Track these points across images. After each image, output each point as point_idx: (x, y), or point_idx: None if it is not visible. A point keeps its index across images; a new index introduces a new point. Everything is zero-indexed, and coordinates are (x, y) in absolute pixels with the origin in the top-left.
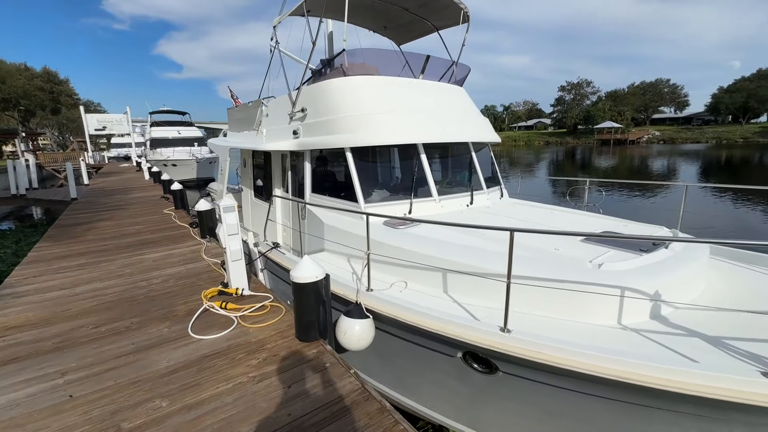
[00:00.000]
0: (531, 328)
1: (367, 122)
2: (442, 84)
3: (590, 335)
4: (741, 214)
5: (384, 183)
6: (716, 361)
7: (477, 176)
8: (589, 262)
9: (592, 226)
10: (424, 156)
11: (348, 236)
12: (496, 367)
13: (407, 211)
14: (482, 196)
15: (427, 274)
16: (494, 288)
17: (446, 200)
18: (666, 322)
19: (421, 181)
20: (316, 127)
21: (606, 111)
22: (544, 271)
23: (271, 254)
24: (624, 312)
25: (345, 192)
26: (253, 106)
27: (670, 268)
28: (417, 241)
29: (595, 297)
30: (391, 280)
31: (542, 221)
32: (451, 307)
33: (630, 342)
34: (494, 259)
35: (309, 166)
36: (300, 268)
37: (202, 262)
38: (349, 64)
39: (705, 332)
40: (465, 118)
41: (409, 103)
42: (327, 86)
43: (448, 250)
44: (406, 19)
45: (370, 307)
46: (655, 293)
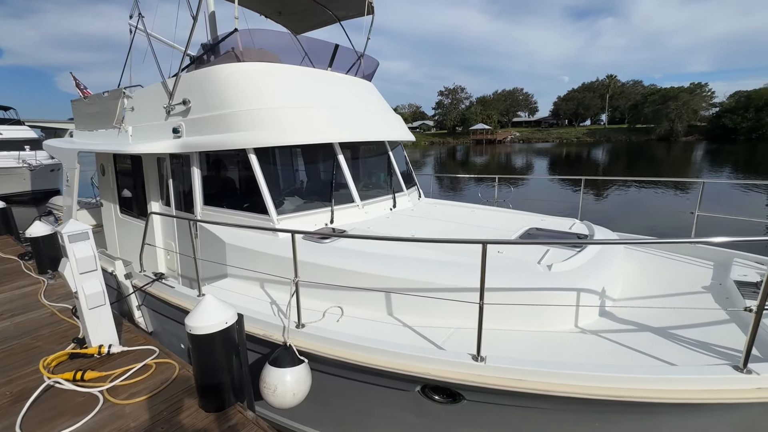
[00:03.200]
0: (497, 348)
1: (275, 118)
2: (353, 78)
3: (558, 346)
4: (627, 200)
5: (296, 189)
6: (684, 358)
7: (396, 177)
8: (538, 263)
9: (515, 222)
10: (342, 157)
11: (259, 257)
12: (461, 397)
13: (329, 221)
14: (404, 197)
15: (366, 295)
16: (449, 304)
17: (369, 205)
18: (615, 319)
19: (339, 185)
20: (204, 124)
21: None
22: (501, 279)
23: (153, 289)
24: (579, 314)
25: (249, 202)
26: (110, 98)
27: (605, 262)
28: (349, 257)
29: (551, 302)
30: (322, 306)
31: (468, 220)
32: (402, 334)
33: (597, 349)
34: (444, 271)
35: (198, 172)
36: (199, 313)
37: (42, 310)
38: (245, 48)
39: (651, 324)
40: (380, 115)
41: (320, 97)
42: (217, 73)
43: (391, 265)
44: (303, 5)
45: (303, 348)
46: (602, 291)
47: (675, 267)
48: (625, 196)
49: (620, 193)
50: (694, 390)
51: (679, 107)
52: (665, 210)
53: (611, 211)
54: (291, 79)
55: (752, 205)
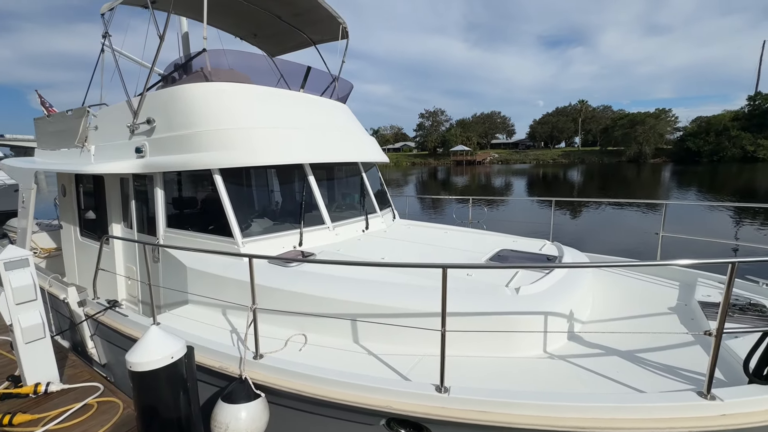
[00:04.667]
0: (465, 377)
1: (243, 138)
2: (326, 99)
3: (526, 373)
4: (597, 220)
5: (264, 211)
6: (651, 384)
7: (369, 198)
8: (506, 286)
9: (486, 244)
10: (312, 178)
11: (222, 282)
12: (427, 430)
13: (297, 243)
14: (377, 219)
15: (330, 321)
16: (414, 330)
17: (340, 227)
18: (584, 343)
19: (310, 207)
20: (169, 143)
21: (458, 136)
22: (468, 303)
23: (106, 317)
24: (548, 338)
25: (214, 224)
26: (74, 116)
27: (573, 284)
28: (315, 282)
29: (519, 326)
30: (285, 334)
31: (441, 242)
32: (367, 363)
33: (566, 375)
34: (409, 295)
35: (161, 193)
36: (141, 348)
37: None
38: (214, 68)
39: (620, 348)
40: (352, 136)
41: (291, 117)
42: (185, 92)
43: (355, 289)
44: (279, 28)
45: (260, 381)
46: (570, 313)
47: (642, 287)
48: (596, 216)
49: (591, 214)
50: (660, 419)
51: (646, 131)
52: (632, 230)
53: (582, 231)
54: (260, 100)
55: (715, 225)
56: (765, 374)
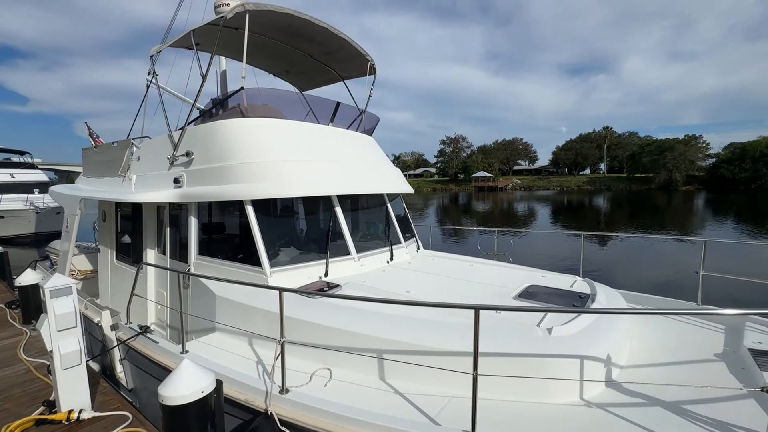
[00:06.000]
0: (495, 422)
1: (273, 171)
2: (352, 132)
3: (560, 422)
4: (629, 253)
5: (291, 241)
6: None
7: (394, 229)
8: (537, 326)
9: (514, 278)
10: (339, 209)
11: (249, 311)
12: None
13: (323, 274)
14: (401, 250)
15: (356, 356)
16: (445, 370)
17: (366, 257)
18: (623, 390)
19: (336, 237)
20: (205, 175)
21: (479, 162)
22: (498, 343)
23: (137, 343)
24: (584, 384)
25: (243, 253)
26: (119, 147)
27: (610, 325)
28: (340, 315)
29: (553, 369)
30: (310, 368)
31: (466, 275)
32: (393, 401)
33: (605, 427)
34: (437, 332)
35: (195, 221)
36: (174, 382)
37: (17, 366)
38: (249, 104)
39: (662, 398)
40: (378, 167)
41: (319, 150)
42: (222, 127)
43: (382, 324)
44: (310, 65)
45: (286, 417)
46: (607, 357)
47: (684, 330)
48: (627, 247)
49: (622, 244)
50: None
51: (676, 157)
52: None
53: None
54: (292, 134)
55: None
56: None
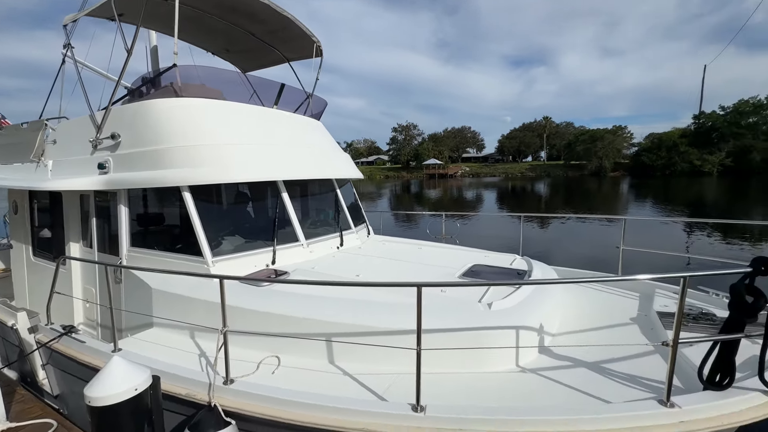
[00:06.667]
0: (440, 394)
1: (212, 155)
2: (299, 116)
3: (499, 388)
4: (563, 234)
5: (235, 229)
6: (617, 394)
7: (344, 215)
8: (479, 302)
9: (459, 259)
10: (286, 195)
11: (189, 304)
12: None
13: (270, 261)
14: (351, 236)
15: (305, 342)
16: (390, 348)
17: (315, 244)
18: (553, 356)
19: (283, 224)
20: (135, 159)
21: (430, 150)
22: (443, 320)
23: (61, 344)
24: (519, 352)
25: (182, 243)
26: (30, 129)
27: (542, 298)
28: (288, 301)
29: (493, 341)
30: (257, 357)
31: (415, 258)
32: (343, 384)
33: (537, 389)
34: (384, 313)
35: (125, 210)
36: (102, 381)
37: None
38: (184, 83)
39: (587, 359)
40: (327, 153)
41: (264, 134)
42: (154, 107)
43: (330, 308)
44: (252, 44)
45: (231, 407)
46: (540, 327)
47: (606, 299)
48: (562, 229)
49: (557, 227)
50: (625, 428)
51: (605, 146)
52: (595, 243)
53: (549, 244)
54: (233, 116)
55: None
56: (717, 381)
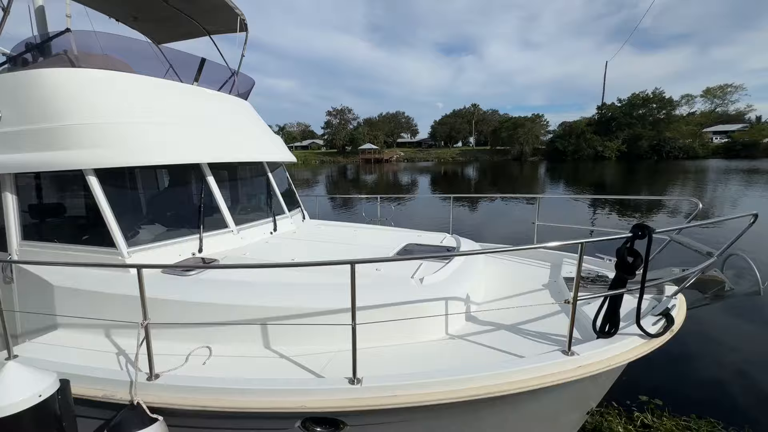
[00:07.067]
0: (377, 367)
1: (124, 135)
2: (224, 95)
3: (431, 356)
4: (488, 213)
5: (155, 217)
6: (530, 350)
7: (277, 199)
8: (411, 278)
9: (393, 239)
10: (211, 179)
11: (103, 300)
12: (343, 424)
13: (196, 250)
14: (285, 220)
15: (239, 330)
16: (327, 328)
17: (246, 230)
18: (479, 322)
19: (210, 210)
20: (21, 139)
21: (365, 135)
22: (377, 296)
23: None
24: (449, 322)
25: (90, 234)
26: None
27: (468, 271)
28: (218, 289)
29: (425, 313)
30: (187, 350)
31: (350, 240)
32: (280, 367)
33: (465, 353)
34: (319, 294)
35: (13, 198)
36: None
37: None
38: (82, 52)
39: (507, 322)
40: (256, 134)
41: (183, 113)
42: (45, 78)
43: (264, 293)
44: (165, 12)
45: (157, 403)
46: (467, 297)
47: (523, 269)
48: (489, 209)
49: (485, 207)
50: (535, 377)
51: (526, 133)
52: (517, 221)
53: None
54: (145, 92)
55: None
56: (607, 330)
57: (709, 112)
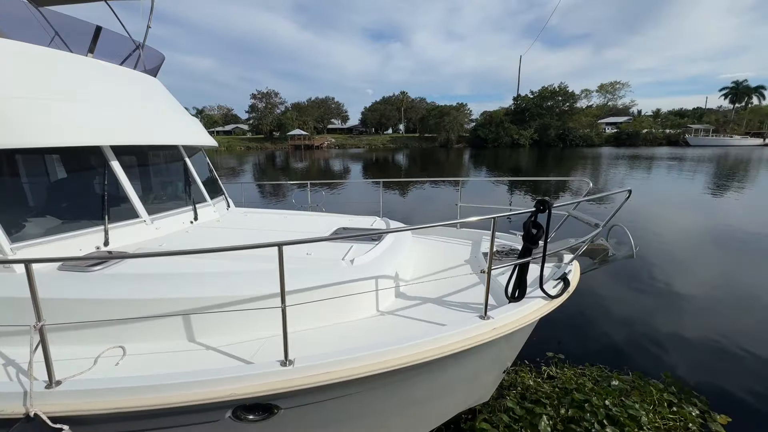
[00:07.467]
0: (310, 348)
1: (8, 113)
2: (128, 70)
3: (363, 333)
4: (417, 197)
5: (47, 207)
6: (453, 318)
7: (197, 186)
8: (342, 260)
9: (325, 224)
10: (116, 164)
11: None
12: (277, 408)
13: (101, 243)
14: (208, 209)
15: (159, 325)
16: (255, 315)
17: (162, 219)
18: (407, 298)
19: (118, 200)
20: None
21: (294, 120)
22: (309, 279)
23: None
24: (379, 299)
25: None
26: None
27: (397, 250)
28: (130, 284)
29: (355, 292)
30: (95, 352)
31: (280, 227)
32: (207, 359)
33: (395, 327)
34: (245, 281)
35: None
36: None
37: None
38: None
39: (432, 296)
40: (169, 116)
41: (78, 88)
42: None
43: (185, 284)
44: None
45: (60, 412)
46: (396, 275)
47: (447, 248)
48: (419, 194)
49: (415, 192)
50: (457, 342)
51: (451, 121)
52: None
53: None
54: (24, 62)
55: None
56: (516, 295)
57: (603, 105)
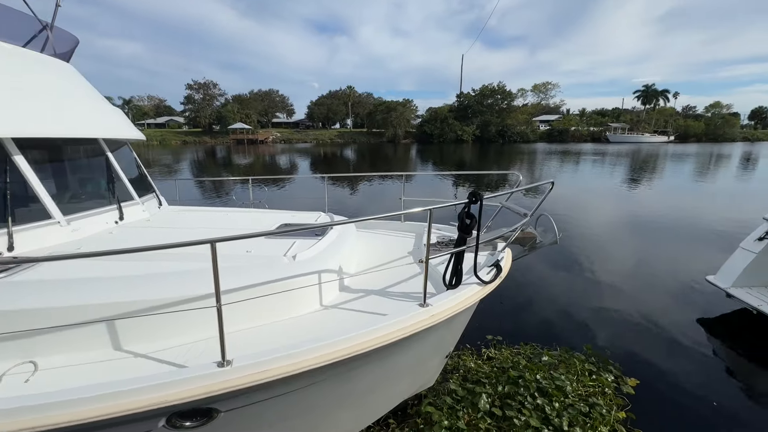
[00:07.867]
0: (252, 347)
1: None
2: (35, 53)
3: (306, 328)
4: (364, 192)
5: None
6: (394, 308)
7: (122, 183)
8: (284, 256)
9: (268, 221)
10: (21, 158)
11: None
12: (216, 411)
13: (4, 248)
14: (136, 207)
15: (77, 335)
16: (188, 317)
17: (80, 220)
18: (351, 291)
19: (24, 199)
20: None
21: (236, 113)
22: (248, 277)
23: None
24: (323, 294)
25: None
26: None
27: (340, 244)
28: (39, 292)
29: (298, 289)
30: (2, 369)
31: (218, 225)
32: (134, 367)
33: (339, 320)
34: (177, 281)
35: None
36: None
37: None
38: None
39: (376, 288)
40: (86, 105)
41: None
42: None
43: (107, 288)
44: None
45: None
46: (340, 269)
47: (392, 241)
48: (366, 189)
49: (363, 187)
50: (397, 329)
51: (398, 117)
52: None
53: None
54: None
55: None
56: (452, 283)
57: (537, 104)
